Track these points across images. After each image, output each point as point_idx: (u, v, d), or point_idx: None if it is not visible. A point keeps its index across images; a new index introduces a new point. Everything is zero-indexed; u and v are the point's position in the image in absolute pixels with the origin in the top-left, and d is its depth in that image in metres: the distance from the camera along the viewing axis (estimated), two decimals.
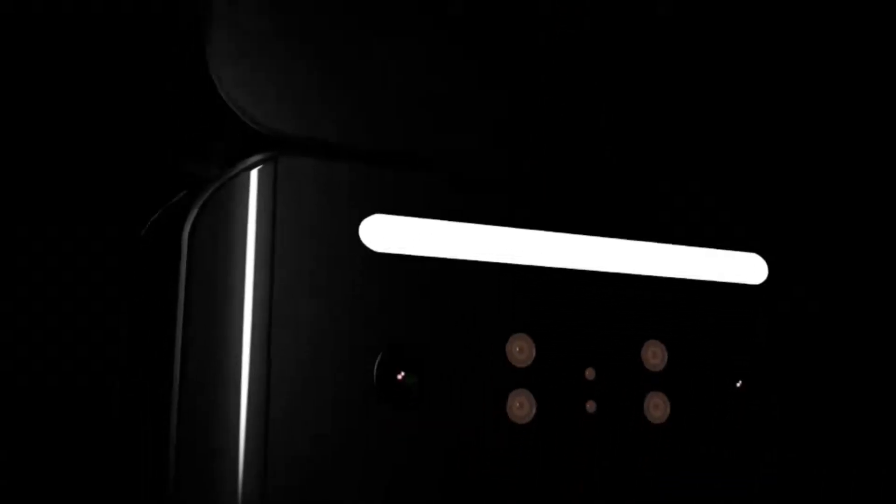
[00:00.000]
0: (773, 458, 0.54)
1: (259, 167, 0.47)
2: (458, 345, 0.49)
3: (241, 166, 0.47)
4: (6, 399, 0.55)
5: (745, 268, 0.55)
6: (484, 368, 0.49)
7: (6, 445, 0.55)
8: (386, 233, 0.48)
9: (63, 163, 0.59)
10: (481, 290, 0.49)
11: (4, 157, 0.58)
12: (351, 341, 0.47)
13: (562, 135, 0.52)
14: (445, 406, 0.48)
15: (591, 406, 0.50)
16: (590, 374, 0.51)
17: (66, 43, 0.58)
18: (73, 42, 0.58)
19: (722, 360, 0.54)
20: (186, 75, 0.49)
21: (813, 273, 0.57)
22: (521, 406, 0.49)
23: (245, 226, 0.47)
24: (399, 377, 0.47)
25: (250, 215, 0.47)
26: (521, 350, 0.50)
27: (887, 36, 0.61)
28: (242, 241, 0.47)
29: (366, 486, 0.46)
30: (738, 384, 0.54)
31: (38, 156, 0.59)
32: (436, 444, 0.47)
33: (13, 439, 0.55)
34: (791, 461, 0.54)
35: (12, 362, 0.56)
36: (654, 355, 0.52)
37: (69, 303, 0.57)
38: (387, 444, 0.46)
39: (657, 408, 0.52)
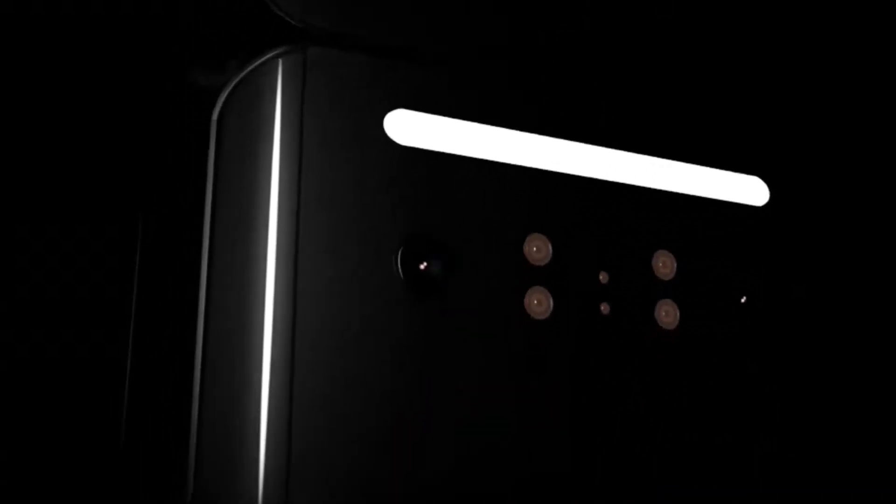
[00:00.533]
0: (775, 371, 0.55)
1: (288, 55, 0.48)
2: (478, 240, 0.49)
3: (271, 54, 0.48)
4: (7, 399, 0.55)
5: (748, 190, 0.57)
6: (502, 264, 0.49)
7: (6, 446, 0.55)
8: (411, 127, 0.49)
9: (66, 149, 0.59)
10: (502, 190, 0.50)
11: (5, 155, 0.58)
12: (376, 230, 0.47)
13: (584, 47, 0.54)
14: (466, 299, 0.48)
15: (605, 308, 0.51)
16: (604, 277, 0.51)
17: None
18: None
19: (728, 275, 0.55)
20: None
21: (814, 200, 0.59)
22: (539, 303, 0.50)
23: (273, 113, 0.47)
24: (422, 266, 0.48)
25: (278, 101, 0.47)
26: (538, 249, 0.50)
27: None
28: (270, 128, 0.47)
29: (388, 370, 0.46)
30: (743, 300, 0.55)
31: (39, 147, 0.58)
32: (457, 335, 0.48)
33: (13, 439, 0.55)
34: (789, 371, 0.56)
35: (12, 362, 0.55)
36: (664, 265, 0.53)
37: (69, 303, 0.57)
38: (409, 332, 0.47)
39: (668, 314, 0.53)
